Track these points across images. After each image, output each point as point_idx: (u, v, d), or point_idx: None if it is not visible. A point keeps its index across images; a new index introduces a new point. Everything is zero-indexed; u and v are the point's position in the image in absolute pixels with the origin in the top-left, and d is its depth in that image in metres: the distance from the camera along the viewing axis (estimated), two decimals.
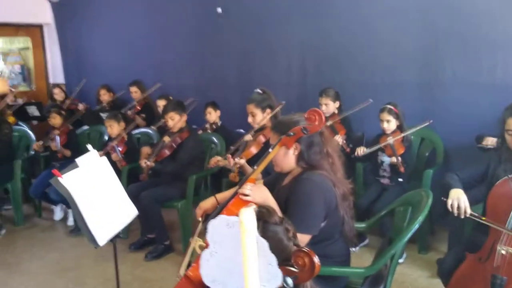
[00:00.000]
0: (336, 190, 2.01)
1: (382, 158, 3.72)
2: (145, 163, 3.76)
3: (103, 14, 6.61)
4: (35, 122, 6.38)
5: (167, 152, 3.81)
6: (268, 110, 3.18)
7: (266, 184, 2.34)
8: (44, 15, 7.47)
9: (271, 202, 1.96)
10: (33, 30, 7.69)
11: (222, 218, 1.22)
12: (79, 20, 6.97)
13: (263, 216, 1.34)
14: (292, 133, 1.97)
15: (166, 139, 3.86)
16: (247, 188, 1.98)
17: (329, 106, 4.05)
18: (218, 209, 2.04)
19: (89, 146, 2.07)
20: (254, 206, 1.34)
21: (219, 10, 5.22)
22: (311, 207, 1.91)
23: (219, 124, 4.82)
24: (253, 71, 5.16)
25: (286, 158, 2.05)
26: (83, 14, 6.88)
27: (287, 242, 1.29)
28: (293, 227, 1.37)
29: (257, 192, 1.98)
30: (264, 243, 1.15)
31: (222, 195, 2.36)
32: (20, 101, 6.74)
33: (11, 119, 5.49)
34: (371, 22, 4.20)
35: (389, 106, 3.63)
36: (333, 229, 2.04)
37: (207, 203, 2.30)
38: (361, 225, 2.47)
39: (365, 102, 3.84)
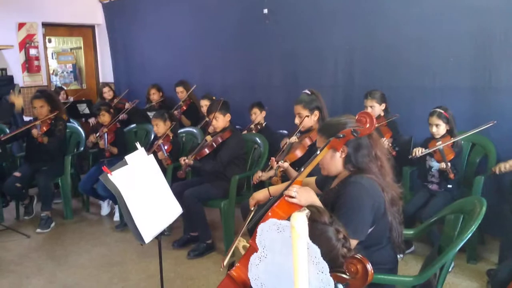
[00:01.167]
0: (385, 194, 1.95)
1: (430, 163, 3.60)
2: (184, 160, 3.79)
3: (151, 15, 6.76)
4: (83, 120, 6.61)
5: (206, 151, 3.83)
6: (316, 112, 3.13)
7: (317, 183, 2.32)
8: (96, 16, 7.75)
9: (318, 205, 1.93)
10: (85, 31, 7.98)
11: (272, 222, 1.20)
12: (128, 21, 7.16)
13: (312, 215, 1.31)
14: (341, 135, 1.93)
15: (208, 138, 3.90)
16: (293, 190, 1.95)
17: (375, 108, 3.96)
18: (262, 212, 2.02)
19: (138, 144, 2.10)
20: (307, 211, 1.31)
21: (266, 11, 5.22)
22: (359, 212, 1.86)
23: (263, 124, 4.82)
24: (298, 72, 5.12)
25: (333, 161, 2.02)
26: (132, 15, 7.06)
27: (335, 242, 1.26)
28: (344, 229, 1.33)
29: (304, 194, 1.94)
30: (316, 250, 1.12)
31: (275, 188, 2.40)
32: (71, 99, 7.01)
33: (64, 116, 5.68)
34: (422, 23, 4.07)
35: (439, 110, 3.50)
36: (381, 235, 1.98)
37: (260, 194, 2.38)
38: (409, 232, 2.39)
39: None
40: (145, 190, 1.92)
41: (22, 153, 5.08)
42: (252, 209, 2.23)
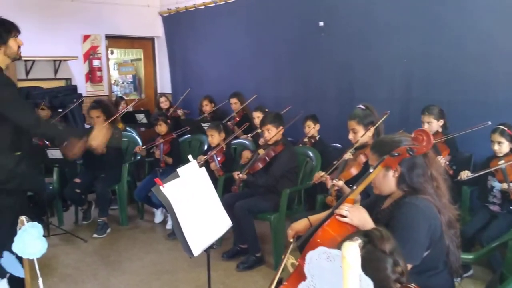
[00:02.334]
0: (441, 216, 1.87)
1: (492, 183, 3.41)
2: (237, 175, 3.80)
3: (208, 28, 6.89)
4: (142, 129, 6.82)
5: (260, 165, 3.82)
6: (370, 127, 3.06)
7: (364, 207, 2.25)
8: (156, 29, 8.00)
9: (370, 226, 1.87)
10: (146, 43, 8.26)
11: (321, 251, 1.16)
12: (186, 33, 7.34)
13: (374, 238, 1.26)
14: (396, 154, 1.87)
15: (261, 151, 3.89)
16: (345, 208, 1.90)
17: (432, 124, 3.82)
18: (312, 230, 1.98)
19: (190, 157, 2.13)
20: (359, 241, 1.26)
21: (321, 23, 5.19)
22: (414, 235, 1.78)
23: (317, 137, 4.77)
24: (353, 85, 5.04)
25: (386, 180, 1.95)
26: (190, 27, 7.23)
27: (390, 273, 1.20)
28: (405, 264, 1.26)
29: (356, 213, 1.89)
30: (369, 283, 1.06)
31: (316, 217, 2.28)
32: (130, 108, 7.26)
33: (120, 125, 5.90)
34: (484, 36, 3.90)
35: (502, 127, 3.33)
36: (437, 259, 1.89)
37: (300, 224, 2.25)
38: (468, 256, 2.27)
39: (481, 124, 3.47)
40: (195, 203, 1.93)
41: (81, 160, 5.29)
42: (292, 240, 2.16)
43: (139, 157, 5.21)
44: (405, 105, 4.57)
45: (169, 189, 1.82)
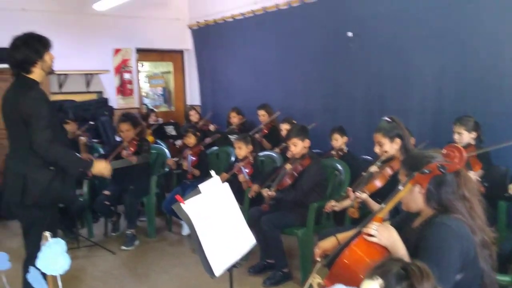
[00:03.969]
0: (475, 237, 1.76)
1: None
2: (266, 192, 3.73)
3: (236, 40, 6.92)
4: (178, 142, 6.86)
5: (288, 181, 3.75)
6: (397, 140, 2.96)
7: (394, 225, 2.16)
8: (185, 42, 8.09)
9: (399, 246, 1.79)
10: (175, 56, 8.36)
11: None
12: (215, 46, 7.39)
13: (412, 275, 1.18)
14: (426, 171, 1.78)
15: (288, 166, 3.81)
16: (373, 227, 1.83)
17: (463, 136, 3.67)
18: (339, 249, 1.91)
19: (212, 172, 2.10)
20: (380, 281, 1.18)
21: (350, 34, 5.11)
22: (445, 257, 1.69)
23: (345, 150, 4.67)
24: (384, 97, 4.93)
25: (412, 196, 1.87)
26: (219, 40, 7.28)
27: None
28: None
29: (384, 233, 1.81)
30: None
31: (344, 235, 2.23)
32: (160, 120, 7.35)
33: (150, 137, 5.96)
34: None
35: None
36: (471, 283, 1.78)
37: (327, 243, 2.22)
38: (505, 278, 2.14)
39: None
40: (218, 220, 1.89)
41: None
42: (319, 259, 2.10)
43: (167, 169, 5.23)
44: (437, 116, 4.43)
45: (190, 206, 1.78)
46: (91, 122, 6.23)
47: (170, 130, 6.68)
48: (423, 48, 4.51)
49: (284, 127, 5.01)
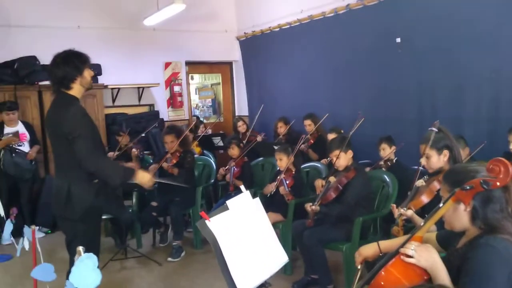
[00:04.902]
0: None
1: None
2: (310, 207, 3.61)
3: (283, 50, 6.89)
4: (221, 151, 6.89)
5: (332, 195, 3.61)
6: (445, 152, 2.77)
7: (440, 239, 2.01)
8: (234, 53, 8.15)
9: (440, 269, 1.64)
10: (224, 67, 8.44)
11: None
12: (262, 56, 7.38)
13: None
14: (468, 187, 1.63)
15: (332, 179, 3.68)
16: (411, 248, 1.69)
17: None
18: (376, 268, 1.79)
19: (242, 187, 2.03)
20: None
21: (398, 40, 4.92)
22: (490, 281, 1.53)
23: (394, 160, 4.48)
24: (434, 104, 4.70)
25: (457, 215, 1.71)
26: (266, 50, 7.27)
27: None
28: None
29: (424, 254, 1.67)
30: None
31: (387, 243, 2.15)
32: (209, 131, 7.41)
33: (197, 149, 6.00)
34: None
35: None
36: None
37: (368, 250, 2.14)
38: None
39: None
40: (246, 238, 1.82)
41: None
42: (359, 267, 2.00)
43: (213, 180, 5.23)
44: (493, 124, 4.16)
45: (216, 224, 1.72)
46: (143, 134, 6.37)
47: (218, 141, 6.71)
48: (476, 51, 4.27)
49: (332, 137, 4.88)
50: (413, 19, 4.80)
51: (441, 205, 1.72)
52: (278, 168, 4.46)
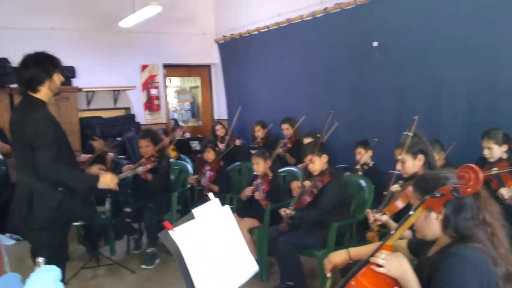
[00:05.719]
0: (497, 269, 1.56)
1: None
2: (284, 211, 3.55)
3: (261, 53, 6.85)
4: (199, 156, 6.79)
5: (307, 199, 3.55)
6: (420, 156, 2.75)
7: (412, 246, 1.98)
8: (212, 56, 8.08)
9: (410, 278, 1.60)
10: (202, 70, 8.36)
11: None
12: (241, 59, 7.33)
13: None
14: (438, 194, 1.59)
15: (307, 183, 3.63)
16: (381, 257, 1.65)
17: (493, 150, 3.43)
18: (346, 279, 1.74)
19: (211, 195, 1.96)
20: None
21: (375, 44, 4.91)
22: None
23: (370, 164, 4.46)
24: (411, 109, 4.66)
25: (428, 223, 1.68)
26: (244, 53, 7.22)
27: None
28: None
29: (394, 263, 1.63)
30: None
31: (357, 250, 2.12)
32: (188, 135, 7.32)
33: (173, 153, 5.91)
34: None
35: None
36: None
37: (338, 257, 2.13)
38: None
39: None
40: (212, 248, 1.75)
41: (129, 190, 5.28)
42: (329, 275, 1.95)
43: (189, 185, 5.14)
44: (470, 129, 4.17)
45: (180, 234, 1.65)
46: (118, 138, 6.25)
47: (195, 145, 6.62)
48: (452, 58, 4.28)
49: (307, 141, 4.84)
50: (389, 23, 4.79)
51: (411, 212, 1.67)
52: (254, 173, 4.41)
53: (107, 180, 2.86)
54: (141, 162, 4.69)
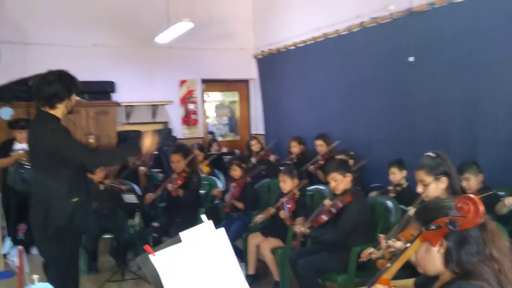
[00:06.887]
0: None
1: None
2: (299, 229, 3.42)
3: (297, 67, 6.77)
4: None
5: (324, 218, 3.40)
6: (443, 179, 2.56)
7: (418, 285, 1.81)
8: (250, 71, 8.06)
9: None
10: (241, 85, 8.37)
11: None
12: (278, 74, 7.28)
13: None
14: (433, 227, 1.44)
15: (327, 202, 3.48)
16: None
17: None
18: None
19: (204, 217, 1.87)
20: None
21: (411, 59, 4.71)
22: None
23: (404, 185, 4.24)
24: (448, 125, 4.45)
25: (429, 257, 1.52)
26: (281, 68, 7.17)
27: None
28: None
29: None
30: None
31: None
32: (224, 150, 7.32)
33: (205, 168, 5.90)
34: None
35: None
36: None
37: None
38: None
39: None
40: (198, 276, 1.64)
41: (164, 203, 5.31)
42: None
43: (217, 201, 5.10)
44: (510, 149, 3.89)
45: (161, 259, 1.57)
46: (155, 152, 6.32)
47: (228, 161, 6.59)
48: (493, 71, 4.02)
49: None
50: (425, 37, 4.60)
51: (408, 245, 1.53)
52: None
53: (148, 143, 2.87)
54: (172, 177, 4.71)
